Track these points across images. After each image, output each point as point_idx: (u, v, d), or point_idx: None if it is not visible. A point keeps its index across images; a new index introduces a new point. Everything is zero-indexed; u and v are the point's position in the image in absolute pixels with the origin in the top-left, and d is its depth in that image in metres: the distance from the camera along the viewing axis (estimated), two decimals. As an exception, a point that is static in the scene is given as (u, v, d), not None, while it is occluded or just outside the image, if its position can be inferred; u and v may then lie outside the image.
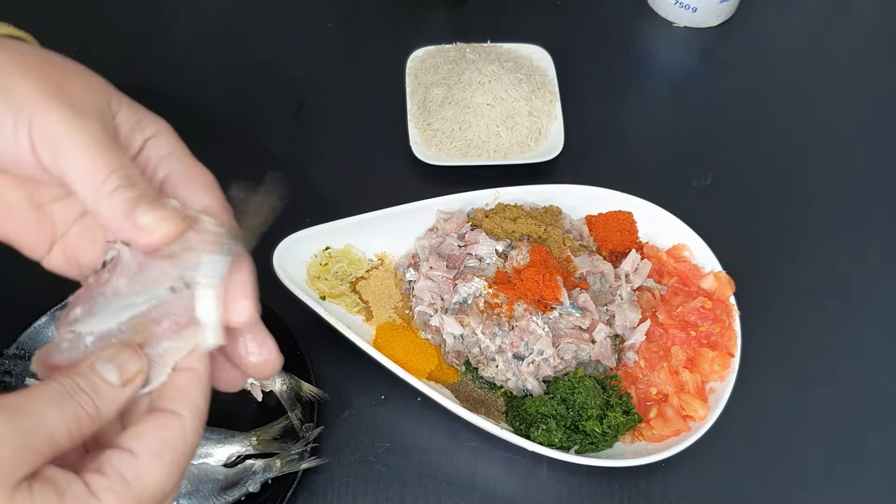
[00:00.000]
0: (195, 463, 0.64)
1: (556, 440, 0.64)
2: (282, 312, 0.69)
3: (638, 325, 0.71)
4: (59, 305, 0.69)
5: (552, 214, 0.77)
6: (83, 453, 0.38)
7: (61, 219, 0.43)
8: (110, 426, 0.38)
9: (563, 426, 0.65)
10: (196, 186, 0.41)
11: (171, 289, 0.39)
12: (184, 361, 0.38)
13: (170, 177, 0.42)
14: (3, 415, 0.32)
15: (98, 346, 0.40)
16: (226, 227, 0.40)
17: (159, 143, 0.42)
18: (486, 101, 0.86)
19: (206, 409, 0.38)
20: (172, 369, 0.38)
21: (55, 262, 0.44)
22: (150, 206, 0.38)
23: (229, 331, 0.40)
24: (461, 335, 0.70)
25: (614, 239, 0.76)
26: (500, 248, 0.73)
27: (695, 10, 0.97)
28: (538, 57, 0.92)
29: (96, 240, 0.43)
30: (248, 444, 0.65)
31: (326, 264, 0.75)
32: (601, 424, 0.65)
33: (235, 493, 0.63)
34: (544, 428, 0.65)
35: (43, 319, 0.69)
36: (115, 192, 0.37)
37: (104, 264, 0.42)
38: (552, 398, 0.66)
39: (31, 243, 0.43)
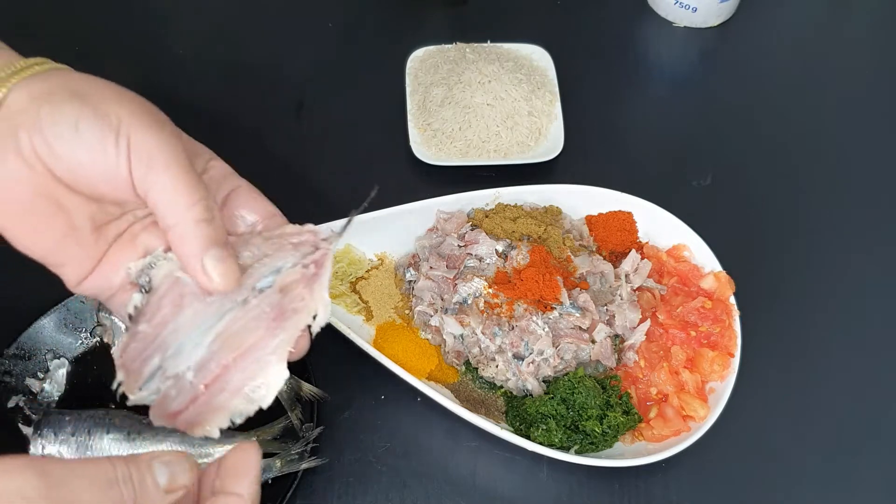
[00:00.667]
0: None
1: (556, 440, 0.64)
2: (282, 312, 0.69)
3: (638, 325, 0.71)
4: (60, 305, 0.69)
5: (552, 214, 0.77)
6: None
7: (108, 240, 0.47)
8: None
9: (563, 426, 0.65)
10: (259, 198, 0.50)
11: (244, 300, 0.44)
12: (233, 486, 0.40)
13: (237, 191, 0.49)
14: (43, 483, 0.33)
15: (201, 376, 0.43)
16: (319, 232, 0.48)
17: (218, 166, 0.50)
18: (486, 101, 0.86)
19: None
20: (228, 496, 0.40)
21: (92, 283, 0.47)
22: (219, 253, 0.43)
23: None
24: (461, 335, 0.70)
25: (614, 239, 0.76)
26: (500, 248, 0.73)
27: (695, 10, 0.97)
28: (538, 57, 0.92)
29: (117, 262, 0.47)
30: (248, 444, 0.65)
31: (326, 264, 0.75)
32: (601, 424, 0.65)
33: (235, 494, 0.63)
34: (544, 428, 0.65)
35: (43, 320, 0.69)
36: (199, 224, 0.43)
37: (141, 288, 0.45)
38: (552, 398, 0.66)
39: (77, 265, 0.46)
